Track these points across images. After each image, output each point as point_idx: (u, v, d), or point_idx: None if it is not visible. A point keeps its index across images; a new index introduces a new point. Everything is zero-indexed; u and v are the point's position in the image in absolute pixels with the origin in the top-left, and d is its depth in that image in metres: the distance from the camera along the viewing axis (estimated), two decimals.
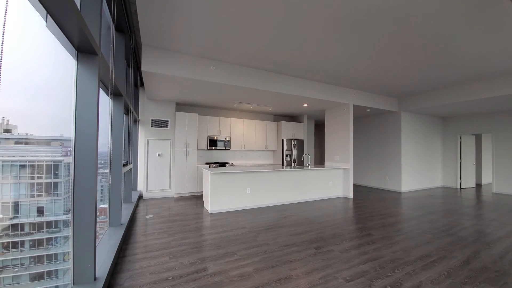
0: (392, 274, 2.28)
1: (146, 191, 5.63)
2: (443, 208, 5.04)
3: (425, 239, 3.20)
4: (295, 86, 5.10)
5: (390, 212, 4.65)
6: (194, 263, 2.44)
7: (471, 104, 5.92)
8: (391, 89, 6.03)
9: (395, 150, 7.21)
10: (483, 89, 5.18)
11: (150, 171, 5.68)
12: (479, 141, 9.04)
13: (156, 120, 5.80)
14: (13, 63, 1.45)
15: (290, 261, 2.50)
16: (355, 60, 4.09)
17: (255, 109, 7.16)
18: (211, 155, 7.00)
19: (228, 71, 4.33)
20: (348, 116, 6.06)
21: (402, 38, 3.29)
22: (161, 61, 3.77)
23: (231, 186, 4.63)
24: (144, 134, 5.67)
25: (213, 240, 3.08)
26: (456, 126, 8.01)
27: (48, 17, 1.26)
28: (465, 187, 7.83)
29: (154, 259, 2.52)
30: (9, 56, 1.35)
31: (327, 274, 2.25)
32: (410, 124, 7.30)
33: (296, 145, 7.88)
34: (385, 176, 7.45)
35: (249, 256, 2.61)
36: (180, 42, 3.54)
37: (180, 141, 5.96)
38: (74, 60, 1.75)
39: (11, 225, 1.94)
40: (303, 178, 5.56)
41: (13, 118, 1.75)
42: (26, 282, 2.06)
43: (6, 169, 1.87)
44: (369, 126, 8.14)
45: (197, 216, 4.21)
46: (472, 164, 8.05)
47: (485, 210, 4.91)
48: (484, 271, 2.35)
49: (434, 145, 8.10)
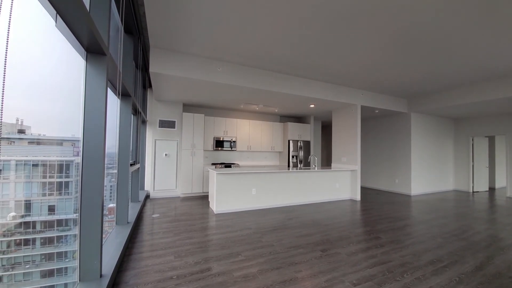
0: (401, 278, 2.22)
1: (153, 191, 5.70)
2: (454, 212, 4.88)
3: (436, 244, 3.10)
4: (302, 86, 5.07)
5: (399, 215, 4.53)
6: (198, 262, 2.44)
7: (484, 105, 5.73)
8: (400, 90, 5.91)
9: (404, 152, 7.05)
10: (496, 90, 5.00)
11: (157, 171, 5.75)
12: (492, 143, 8.73)
13: (164, 120, 5.87)
14: (25, 64, 1.50)
15: (296, 263, 2.46)
16: (364, 59, 4.03)
17: (261, 110, 7.15)
18: (217, 156, 7.03)
19: (234, 71, 4.35)
20: (356, 117, 5.97)
21: (412, 35, 3.22)
22: (168, 62, 3.82)
23: (236, 186, 4.63)
24: (151, 135, 5.75)
25: (218, 240, 3.08)
26: (468, 128, 7.77)
27: (58, 17, 1.29)
28: (478, 191, 7.57)
29: (159, 257, 2.54)
30: (21, 57, 1.39)
31: (333, 277, 2.21)
32: (420, 125, 7.13)
33: (303, 147, 7.82)
34: (394, 178, 7.29)
35: (254, 257, 2.59)
36: (188, 43, 3.58)
37: (187, 142, 6.01)
38: (83, 60, 1.79)
39: (24, 223, 1.99)
40: (309, 179, 5.50)
41: (26, 119, 1.80)
42: (37, 279, 2.11)
43: (19, 168, 1.92)
44: (377, 127, 8.00)
45: (203, 216, 4.22)
46: (485, 167, 7.78)
47: (499, 214, 4.72)
48: (497, 277, 2.25)
49: (445, 147, 7.88)
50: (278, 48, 3.66)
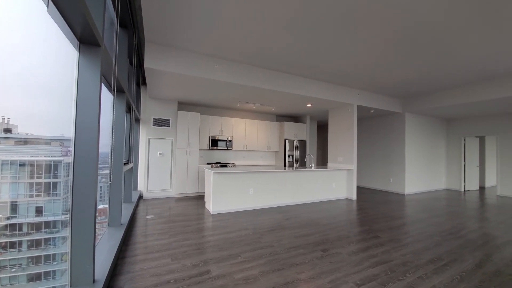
0: (404, 278, 2.19)
1: (146, 191, 5.54)
2: (448, 210, 4.95)
3: (434, 242, 3.11)
4: (299, 85, 5.04)
5: (395, 214, 4.56)
6: (197, 265, 2.35)
7: (476, 105, 5.85)
8: (395, 90, 5.96)
9: (399, 151, 7.12)
10: (488, 91, 5.11)
11: (151, 170, 5.60)
12: (482, 143, 8.96)
13: (158, 119, 5.72)
14: (14, 59, 1.38)
15: (297, 264, 2.41)
16: (361, 59, 4.03)
17: (257, 109, 7.09)
18: (212, 155, 6.92)
19: (232, 69, 4.27)
20: (352, 117, 5.99)
21: (409, 35, 3.22)
22: (164, 58, 3.70)
23: (233, 186, 4.55)
24: (145, 133, 5.59)
25: (215, 241, 2.99)
26: (460, 128, 7.94)
27: (50, 2, 1.19)
28: (469, 190, 7.74)
29: (155, 260, 2.43)
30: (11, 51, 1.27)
31: (336, 278, 2.16)
32: (414, 125, 7.23)
33: (299, 146, 7.80)
34: (389, 178, 7.37)
35: (253, 258, 2.52)
36: (184, 38, 3.48)
37: (182, 141, 5.88)
38: (76, 51, 1.68)
39: (10, 224, 1.88)
40: (306, 179, 5.48)
41: (13, 117, 1.68)
42: (23, 282, 2.00)
43: (5, 168, 1.81)
44: (372, 127, 8.07)
45: (199, 216, 4.12)
46: (475, 167, 7.97)
47: (491, 213, 4.82)
48: (497, 275, 2.26)
49: (438, 147, 8.02)
50: (276, 46, 3.60)
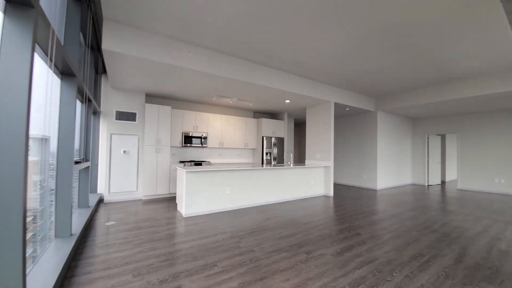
0: (392, 278, 2.08)
1: (108, 194, 4.89)
2: (419, 204, 5.16)
3: (413, 237, 3.12)
4: (278, 80, 4.83)
5: (372, 209, 4.60)
6: (164, 280, 1.98)
7: (437, 106, 6.25)
8: (369, 89, 6.08)
9: (371, 149, 7.35)
10: (452, 91, 5.44)
11: (114, 170, 4.96)
12: (443, 141, 9.73)
13: (122, 112, 5.09)
14: None
15: (281, 270, 2.17)
16: (341, 56, 3.94)
17: (234, 105, 6.75)
18: (186, 153, 6.42)
19: (207, 57, 3.89)
20: (330, 114, 5.98)
21: (382, 31, 3.18)
22: (125, 39, 3.20)
23: (209, 186, 4.18)
24: (106, 128, 4.93)
25: (188, 249, 2.63)
26: (424, 127, 8.49)
27: None
28: (432, 184, 8.32)
29: (112, 278, 2.01)
30: None
31: (324, 284, 1.97)
32: (385, 123, 7.52)
33: (277, 143, 7.65)
34: (362, 174, 7.58)
35: (232, 267, 2.23)
36: (150, 17, 3.02)
37: (151, 137, 5.32)
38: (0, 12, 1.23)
39: None
40: (285, 176, 5.31)
41: None
42: None
43: None
44: (346, 125, 8.24)
45: (170, 221, 3.69)
46: (437, 163, 8.59)
47: (457, 205, 5.13)
48: (478, 269, 2.27)
49: (405, 145, 8.48)
50: (256, 30, 3.32)
